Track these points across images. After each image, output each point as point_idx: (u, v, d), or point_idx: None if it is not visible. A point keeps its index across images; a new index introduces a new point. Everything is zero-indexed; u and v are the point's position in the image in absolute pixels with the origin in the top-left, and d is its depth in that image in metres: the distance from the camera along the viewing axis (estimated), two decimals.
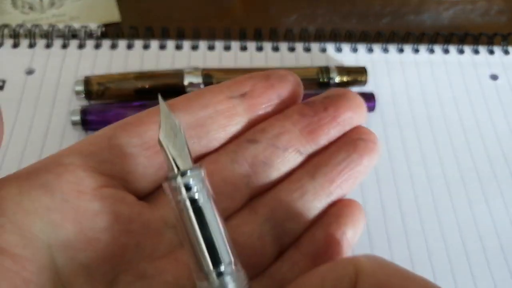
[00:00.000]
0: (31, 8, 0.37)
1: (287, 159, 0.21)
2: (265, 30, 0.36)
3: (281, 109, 0.22)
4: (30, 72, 0.33)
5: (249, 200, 0.20)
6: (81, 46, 0.34)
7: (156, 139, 0.17)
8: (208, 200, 0.16)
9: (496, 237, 0.28)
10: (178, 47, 0.35)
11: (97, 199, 0.17)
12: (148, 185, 0.19)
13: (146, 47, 0.35)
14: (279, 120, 0.21)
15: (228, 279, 0.15)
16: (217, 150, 0.21)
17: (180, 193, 0.16)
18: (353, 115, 0.21)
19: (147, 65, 0.34)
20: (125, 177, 0.18)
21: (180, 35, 0.35)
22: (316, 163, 0.21)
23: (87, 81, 0.31)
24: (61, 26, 0.35)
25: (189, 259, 0.16)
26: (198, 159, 0.20)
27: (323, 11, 0.40)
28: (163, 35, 0.35)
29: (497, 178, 0.30)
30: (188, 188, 0.16)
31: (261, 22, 0.38)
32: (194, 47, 0.35)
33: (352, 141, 0.21)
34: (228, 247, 0.16)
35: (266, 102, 0.21)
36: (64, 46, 0.34)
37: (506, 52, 0.37)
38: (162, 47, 0.35)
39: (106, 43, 0.35)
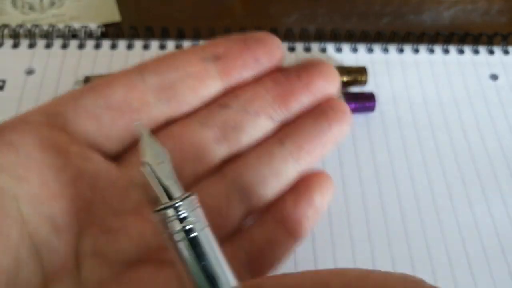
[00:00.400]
0: (31, 8, 0.37)
1: (258, 125, 0.21)
2: (265, 30, 0.36)
3: (260, 74, 0.21)
4: (30, 72, 0.33)
5: (218, 165, 0.20)
6: (81, 46, 0.34)
7: (121, 100, 0.18)
8: (203, 229, 0.15)
9: (496, 237, 0.28)
10: (178, 47, 0.35)
11: (61, 155, 0.17)
12: (113, 147, 0.19)
13: (146, 47, 0.35)
14: (252, 86, 0.21)
15: None
16: (188, 115, 0.20)
17: (174, 225, 0.15)
18: (326, 84, 0.21)
19: None
20: (90, 137, 0.18)
21: (180, 35, 0.35)
22: (285, 130, 0.21)
23: (87, 81, 0.31)
24: (61, 26, 0.35)
25: (187, 284, 0.15)
26: (167, 124, 0.20)
27: (323, 11, 0.40)
28: (163, 35, 0.35)
29: (497, 178, 0.30)
30: (181, 219, 0.15)
31: (261, 22, 0.38)
32: None
33: (322, 110, 0.21)
34: (229, 272, 0.15)
35: (241, 66, 0.21)
36: (64, 46, 0.34)
37: (506, 52, 0.37)
38: (162, 47, 0.35)
39: (106, 43, 0.35)
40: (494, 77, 0.35)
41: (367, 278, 0.14)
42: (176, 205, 0.15)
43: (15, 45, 0.34)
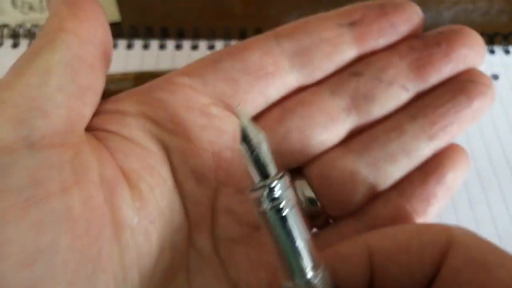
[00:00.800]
0: (31, 8, 0.37)
1: (391, 95, 0.19)
2: (265, 29, 0.35)
3: (396, 42, 0.20)
4: None
5: (346, 136, 0.20)
6: None
7: (258, 64, 0.18)
8: (292, 209, 0.16)
9: (496, 237, 0.28)
10: (178, 47, 0.35)
11: (204, 115, 0.18)
12: (248, 110, 0.19)
13: (146, 47, 0.35)
14: (386, 53, 0.20)
15: (312, 282, 0.16)
16: (319, 81, 0.20)
17: (266, 203, 0.16)
18: (469, 53, 0.19)
19: (147, 65, 0.34)
20: (227, 100, 0.19)
21: (180, 35, 0.35)
22: (418, 103, 0.20)
23: None
24: None
25: (276, 259, 0.16)
26: (298, 90, 0.20)
27: (323, 10, 0.40)
28: (163, 35, 0.35)
29: (497, 178, 0.30)
30: (273, 198, 0.15)
31: (261, 21, 0.38)
32: (194, 47, 0.35)
33: (461, 83, 0.19)
34: (311, 253, 0.16)
35: (377, 32, 0.20)
36: None
37: (507, 52, 0.36)
38: (162, 47, 0.35)
39: None
40: (495, 76, 0.35)
41: None
42: (270, 185, 0.15)
43: (15, 45, 0.34)
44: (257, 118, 0.20)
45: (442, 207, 0.19)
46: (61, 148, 0.15)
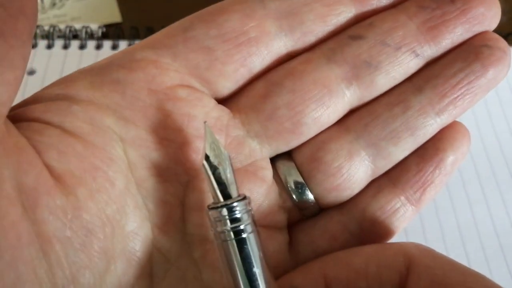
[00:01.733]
0: None
1: (399, 61, 0.17)
2: None
3: (400, 2, 0.17)
4: (31, 72, 0.33)
5: (346, 111, 0.17)
6: (82, 46, 0.34)
7: (237, 29, 0.16)
8: (251, 233, 0.15)
9: (496, 237, 0.28)
10: None
11: (170, 98, 0.16)
12: (227, 85, 0.17)
13: None
14: (392, 13, 0.17)
15: None
16: (312, 47, 0.17)
17: (224, 224, 0.15)
18: (486, 12, 0.17)
19: None
20: (202, 73, 0.16)
21: None
22: (425, 72, 0.17)
23: None
24: (62, 26, 0.35)
25: (228, 284, 0.15)
26: (288, 57, 0.17)
27: None
28: None
29: (496, 178, 0.30)
30: (232, 220, 0.14)
31: None
32: None
33: (474, 48, 0.17)
34: (267, 282, 0.15)
35: None
36: (65, 46, 0.34)
37: None
38: None
39: (107, 43, 0.35)
40: None
41: None
42: (230, 206, 0.14)
43: None
44: (238, 93, 0.17)
45: (437, 193, 0.17)
46: None
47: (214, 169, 0.15)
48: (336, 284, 0.15)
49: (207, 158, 0.15)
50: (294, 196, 0.17)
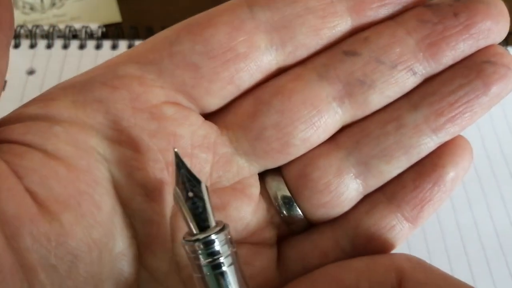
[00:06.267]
0: (32, 8, 0.37)
1: (394, 79, 0.16)
2: None
3: (400, 11, 0.16)
4: (31, 72, 0.33)
5: (338, 129, 0.17)
6: (81, 46, 0.34)
7: (225, 45, 0.15)
8: (231, 266, 0.14)
9: (496, 237, 0.28)
10: None
11: (155, 117, 0.15)
12: (214, 101, 0.16)
13: None
14: (389, 27, 0.16)
15: None
16: (303, 61, 0.16)
17: (201, 257, 0.14)
18: (492, 26, 0.16)
19: None
20: (188, 91, 0.16)
21: None
22: (423, 88, 0.16)
23: None
24: (61, 26, 0.35)
25: None
26: (276, 74, 0.16)
27: None
28: None
29: (496, 178, 0.30)
30: (209, 253, 0.14)
31: None
32: None
33: (476, 64, 0.16)
34: None
35: (379, 0, 0.16)
36: (65, 46, 0.34)
37: None
38: None
39: (107, 43, 0.35)
40: None
41: None
42: (207, 239, 0.14)
43: (16, 46, 0.34)
44: (226, 108, 0.17)
45: (437, 210, 0.17)
46: None
47: (188, 199, 0.14)
48: None
49: (179, 187, 0.14)
50: (282, 211, 0.17)
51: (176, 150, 0.14)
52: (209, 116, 0.17)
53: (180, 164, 0.14)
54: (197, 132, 0.16)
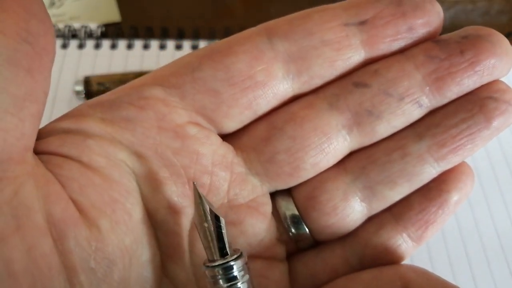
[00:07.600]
0: None
1: (401, 111, 0.17)
2: None
3: (409, 46, 0.17)
4: None
5: (346, 154, 0.17)
6: (81, 46, 0.34)
7: (244, 73, 0.16)
8: None
9: (496, 237, 0.28)
10: (178, 47, 0.35)
11: (178, 136, 0.16)
12: (232, 125, 0.17)
13: (146, 47, 0.35)
14: (399, 61, 0.17)
15: None
16: (316, 90, 0.17)
17: (221, 282, 0.15)
18: (497, 64, 0.16)
19: (147, 65, 0.34)
20: (208, 114, 0.17)
21: (180, 35, 0.35)
22: (428, 120, 0.17)
23: (87, 81, 0.31)
24: (61, 26, 0.35)
25: None
26: (290, 100, 0.17)
27: None
28: (163, 35, 0.35)
29: (497, 179, 0.30)
30: (228, 279, 0.15)
31: (261, 22, 0.38)
32: (194, 47, 0.35)
33: (479, 99, 0.17)
34: None
35: (391, 35, 0.17)
36: (64, 46, 0.34)
37: None
38: (162, 47, 0.35)
39: (106, 43, 0.35)
40: None
41: None
42: (226, 265, 0.15)
43: None
44: (241, 131, 0.18)
45: (438, 230, 0.18)
46: None
47: (208, 230, 0.15)
48: None
49: (203, 218, 0.15)
50: (291, 230, 0.18)
51: (194, 183, 0.16)
52: (225, 137, 0.18)
53: (202, 198, 0.15)
54: (217, 152, 0.17)
